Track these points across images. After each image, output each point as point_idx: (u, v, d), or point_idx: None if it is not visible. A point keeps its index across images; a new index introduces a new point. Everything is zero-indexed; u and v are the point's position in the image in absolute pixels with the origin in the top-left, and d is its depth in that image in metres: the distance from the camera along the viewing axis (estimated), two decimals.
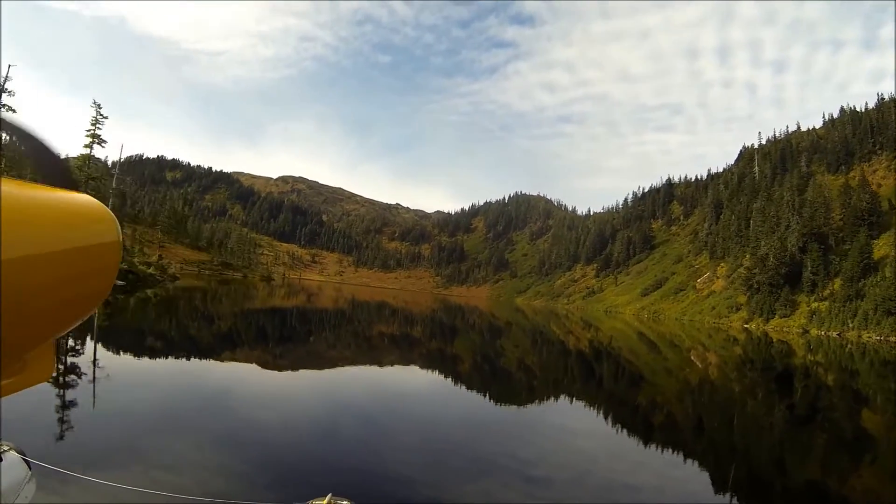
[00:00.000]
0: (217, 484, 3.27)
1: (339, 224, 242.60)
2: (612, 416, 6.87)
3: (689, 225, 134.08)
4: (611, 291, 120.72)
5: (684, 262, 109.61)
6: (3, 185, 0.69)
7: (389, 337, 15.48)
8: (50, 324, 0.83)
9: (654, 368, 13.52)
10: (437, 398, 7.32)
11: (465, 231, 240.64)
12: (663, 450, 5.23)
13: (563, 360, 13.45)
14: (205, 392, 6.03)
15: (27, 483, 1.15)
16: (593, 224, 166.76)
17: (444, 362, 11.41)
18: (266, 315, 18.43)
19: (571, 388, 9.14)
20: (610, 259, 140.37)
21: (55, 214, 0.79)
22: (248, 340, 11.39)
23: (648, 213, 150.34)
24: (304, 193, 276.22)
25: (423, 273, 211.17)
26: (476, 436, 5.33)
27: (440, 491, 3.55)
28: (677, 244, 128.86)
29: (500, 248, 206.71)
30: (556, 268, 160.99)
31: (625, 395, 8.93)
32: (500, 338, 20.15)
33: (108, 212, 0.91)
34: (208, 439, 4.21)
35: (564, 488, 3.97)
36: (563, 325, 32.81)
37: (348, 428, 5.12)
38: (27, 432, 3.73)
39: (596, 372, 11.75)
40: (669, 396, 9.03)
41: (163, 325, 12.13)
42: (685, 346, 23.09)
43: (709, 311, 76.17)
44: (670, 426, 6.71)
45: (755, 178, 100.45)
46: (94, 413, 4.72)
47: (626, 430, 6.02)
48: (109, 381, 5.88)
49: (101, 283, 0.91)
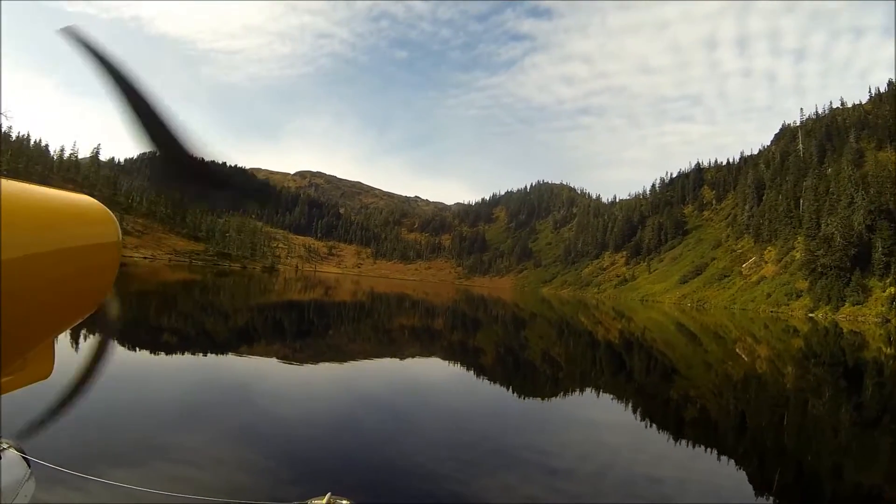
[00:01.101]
0: (240, 482, 3.40)
1: (357, 216, 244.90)
2: (639, 410, 6.82)
3: (723, 209, 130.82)
4: (645, 279, 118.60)
5: (724, 247, 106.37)
6: (3, 185, 0.70)
7: (410, 330, 15.65)
8: (50, 323, 0.85)
9: (691, 362, 13.09)
10: (458, 391, 7.41)
11: (486, 221, 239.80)
12: (694, 445, 5.17)
13: (590, 353, 13.36)
14: (210, 388, 6.24)
15: (26, 481, 1.16)
16: (620, 211, 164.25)
17: (466, 355, 11.49)
18: (270, 312, 18.83)
19: (598, 381, 9.09)
20: (640, 246, 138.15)
21: (55, 214, 0.81)
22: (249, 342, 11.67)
23: (678, 199, 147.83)
24: (322, 188, 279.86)
25: (443, 264, 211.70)
26: (498, 428, 5.40)
27: (461, 484, 3.62)
28: (712, 229, 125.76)
29: (523, 237, 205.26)
30: (582, 256, 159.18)
31: (655, 389, 8.79)
32: (524, 329, 20.12)
33: (107, 212, 0.94)
34: (219, 436, 4.37)
35: (587, 480, 4.01)
36: (592, 315, 32.42)
37: (368, 422, 5.24)
38: (27, 431, 3.87)
39: (625, 365, 11.62)
40: (705, 391, 8.83)
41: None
42: (731, 337, 22.09)
43: (763, 299, 72.20)
44: (703, 422, 6.56)
45: (800, 156, 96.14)
46: (93, 411, 4.97)
47: (655, 425, 5.97)
48: (109, 379, 6.16)
49: (100, 283, 0.93)
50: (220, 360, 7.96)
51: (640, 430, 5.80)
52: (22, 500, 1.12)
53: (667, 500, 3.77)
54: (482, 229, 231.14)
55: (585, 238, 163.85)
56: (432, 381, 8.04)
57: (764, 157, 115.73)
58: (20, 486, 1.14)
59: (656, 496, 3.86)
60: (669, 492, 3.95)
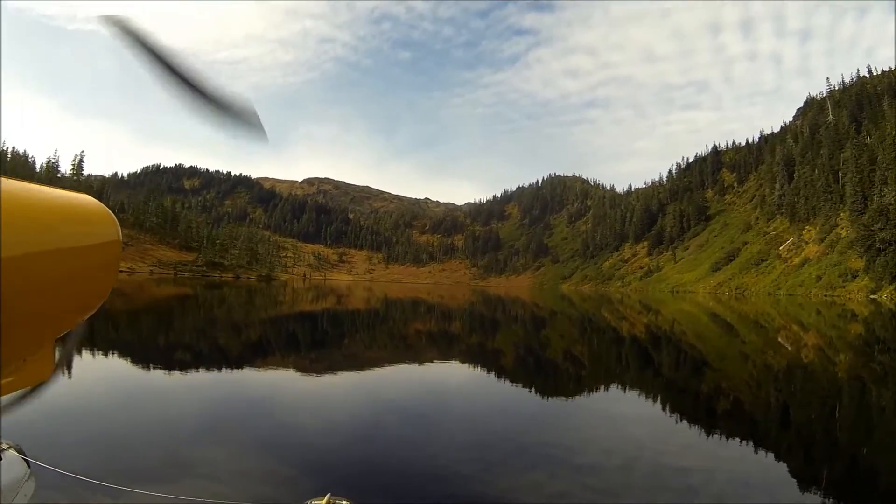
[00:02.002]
0: (259, 490, 3.43)
1: (367, 221, 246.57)
2: (666, 404, 6.75)
3: (746, 191, 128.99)
4: (671, 269, 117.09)
5: (755, 230, 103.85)
6: (3, 185, 0.72)
7: (426, 335, 15.68)
8: (50, 323, 0.86)
9: (725, 353, 12.76)
10: (479, 393, 7.43)
11: (498, 218, 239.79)
12: (727, 438, 5.07)
13: (614, 349, 13.21)
14: (226, 400, 6.31)
15: (26, 482, 1.19)
16: (637, 200, 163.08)
17: (484, 357, 11.48)
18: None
19: (622, 378, 8.98)
20: (662, 234, 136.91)
21: (55, 214, 0.83)
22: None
23: (697, 184, 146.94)
24: (330, 194, 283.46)
25: (457, 265, 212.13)
26: (522, 428, 5.43)
27: (487, 485, 3.67)
28: (737, 212, 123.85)
29: (538, 233, 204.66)
30: (601, 249, 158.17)
31: (683, 383, 8.65)
32: (544, 328, 20.02)
33: (107, 211, 0.96)
34: (236, 445, 4.45)
35: (613, 475, 4.03)
36: (617, 310, 32.09)
37: (389, 427, 5.30)
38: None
39: (652, 360, 11.46)
40: (738, 383, 8.63)
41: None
42: (774, 326, 21.24)
43: (812, 283, 68.79)
44: (737, 415, 6.42)
45: (831, 127, 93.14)
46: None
47: (682, 418, 5.90)
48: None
49: (101, 283, 0.95)
50: (233, 375, 8.06)
51: (666, 423, 5.75)
52: (22, 501, 1.15)
53: (702, 493, 3.69)
54: (495, 227, 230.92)
55: (603, 230, 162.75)
56: (452, 385, 8.08)
57: (791, 133, 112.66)
58: (20, 486, 1.16)
59: (684, 488, 3.82)
60: (700, 485, 3.88)
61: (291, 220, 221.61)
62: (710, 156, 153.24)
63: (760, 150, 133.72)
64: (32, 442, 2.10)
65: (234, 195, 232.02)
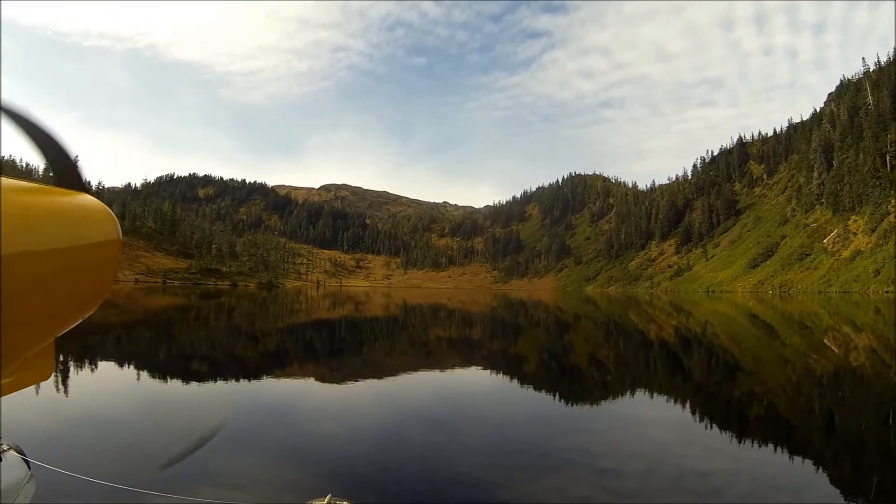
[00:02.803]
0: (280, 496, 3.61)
1: (385, 225, 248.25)
2: (692, 409, 6.70)
3: (777, 182, 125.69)
4: (703, 267, 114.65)
5: (793, 223, 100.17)
6: (3, 185, 0.74)
7: (447, 341, 15.81)
8: (51, 323, 0.88)
9: (761, 357, 12.42)
10: (501, 399, 7.53)
11: (518, 220, 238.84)
12: (760, 445, 5.04)
13: (640, 353, 13.12)
14: (245, 409, 6.52)
15: (27, 483, 1.21)
16: (661, 196, 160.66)
17: (507, 363, 11.56)
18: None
19: (649, 382, 8.93)
20: (690, 231, 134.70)
21: (55, 213, 0.85)
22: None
23: (723, 177, 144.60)
24: (347, 200, 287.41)
25: (478, 268, 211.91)
26: (544, 433, 5.52)
27: (508, 490, 3.79)
28: (769, 205, 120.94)
29: (560, 233, 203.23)
30: (626, 248, 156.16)
31: (714, 387, 8.55)
32: (568, 332, 19.95)
33: (107, 211, 0.98)
34: (254, 452, 4.61)
35: (635, 479, 4.09)
36: (644, 312, 31.64)
37: (410, 434, 5.45)
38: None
39: (681, 363, 11.36)
40: (773, 387, 8.47)
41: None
42: (822, 327, 20.16)
43: (870, 277, 64.00)
44: (772, 421, 6.32)
45: (872, 109, 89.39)
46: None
47: (709, 423, 5.87)
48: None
49: (101, 282, 0.97)
50: (250, 386, 8.32)
51: (691, 427, 5.73)
52: (22, 501, 1.17)
53: (726, 495, 3.73)
54: (515, 229, 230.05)
55: (628, 228, 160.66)
56: (474, 391, 8.19)
57: (826, 118, 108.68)
58: (21, 487, 1.18)
59: (708, 491, 3.86)
60: (724, 487, 3.92)
61: (307, 226, 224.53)
62: (736, 148, 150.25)
63: (790, 140, 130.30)
64: (32, 442, 2.27)
65: (249, 203, 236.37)
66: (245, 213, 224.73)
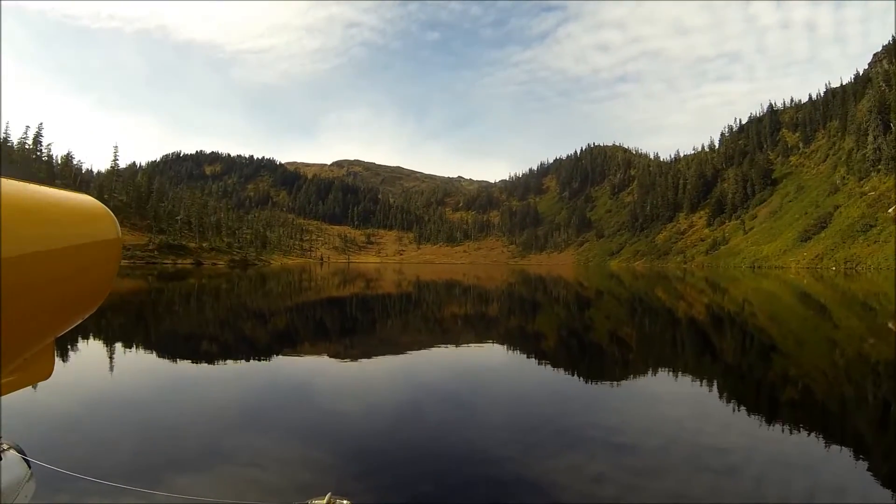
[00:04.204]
0: (304, 481, 3.68)
1: (397, 200, 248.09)
2: (712, 388, 6.66)
3: (817, 150, 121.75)
4: (742, 240, 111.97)
5: (844, 192, 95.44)
6: (3, 185, 0.77)
7: (463, 318, 15.90)
8: (51, 322, 0.91)
9: (803, 339, 11.78)
10: (518, 376, 7.61)
11: (536, 192, 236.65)
12: (786, 427, 4.96)
13: (667, 331, 13.03)
14: (260, 390, 6.65)
15: (27, 482, 1.24)
16: (687, 167, 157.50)
17: (524, 340, 11.60)
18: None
19: (673, 362, 8.87)
20: (723, 202, 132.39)
21: (55, 213, 0.88)
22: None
23: (754, 146, 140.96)
24: (360, 175, 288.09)
25: (494, 243, 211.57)
26: (561, 411, 5.61)
27: (526, 467, 3.88)
28: (809, 174, 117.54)
29: (579, 206, 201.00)
30: (652, 221, 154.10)
31: (739, 368, 8.39)
32: (589, 309, 19.90)
33: (106, 210, 1.02)
34: (272, 436, 4.73)
35: (652, 455, 4.15)
36: (674, 289, 31.23)
37: (427, 412, 5.57)
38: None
39: (710, 343, 11.20)
40: (812, 371, 8.08)
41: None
42: (890, 309, 18.07)
43: None
44: (799, 404, 6.15)
45: None
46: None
47: (737, 405, 5.78)
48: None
49: (101, 281, 1.01)
50: (264, 366, 8.47)
51: (709, 407, 5.69)
52: (22, 501, 1.19)
53: (745, 476, 3.70)
54: (533, 202, 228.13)
55: (653, 200, 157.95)
56: (490, 368, 8.30)
57: (881, 76, 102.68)
58: (21, 486, 1.21)
59: (723, 467, 3.87)
60: (740, 465, 3.89)
61: (316, 201, 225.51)
62: (767, 116, 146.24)
63: (828, 105, 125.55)
64: (32, 442, 2.30)
65: (256, 179, 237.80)
66: (253, 190, 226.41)
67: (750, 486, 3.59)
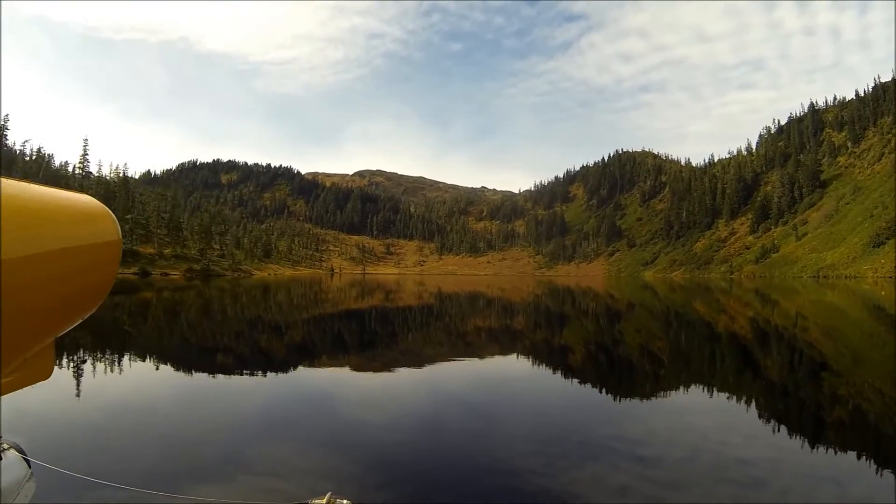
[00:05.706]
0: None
1: (418, 209, 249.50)
2: (749, 407, 6.59)
3: (869, 149, 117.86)
4: (796, 247, 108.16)
5: None
6: (3, 185, 0.78)
7: (487, 331, 15.98)
8: (51, 322, 0.94)
9: (861, 356, 11.23)
10: (543, 389, 7.71)
11: (563, 200, 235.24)
12: (834, 450, 4.90)
13: (706, 347, 12.82)
14: (282, 401, 6.85)
15: (27, 482, 1.28)
16: (723, 172, 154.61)
17: (551, 354, 11.64)
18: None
19: (708, 379, 8.76)
20: (768, 207, 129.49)
21: (55, 213, 0.91)
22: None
23: (796, 148, 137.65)
24: (382, 185, 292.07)
25: (519, 253, 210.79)
26: (585, 424, 5.74)
27: (548, 479, 3.99)
28: (863, 174, 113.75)
29: (608, 214, 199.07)
30: (689, 228, 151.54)
31: (789, 388, 8.04)
32: (619, 322, 19.72)
33: (107, 211, 1.05)
34: (295, 444, 4.92)
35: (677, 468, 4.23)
36: (715, 301, 30.49)
37: (450, 423, 5.76)
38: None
39: (752, 359, 10.82)
40: (864, 390, 7.56)
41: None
42: None
43: None
44: (847, 425, 6.01)
45: None
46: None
47: (778, 424, 5.69)
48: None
49: (101, 282, 1.04)
50: (284, 378, 8.71)
51: (746, 426, 5.65)
52: (22, 501, 1.22)
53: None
54: (559, 210, 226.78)
55: (690, 206, 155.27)
56: (514, 381, 8.43)
57: None
58: (21, 486, 1.24)
59: (748, 479, 3.89)
60: (765, 478, 3.91)
61: (335, 210, 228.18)
62: (809, 115, 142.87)
63: (878, 101, 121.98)
64: (32, 442, 2.44)
65: (273, 188, 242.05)
66: (269, 199, 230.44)
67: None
